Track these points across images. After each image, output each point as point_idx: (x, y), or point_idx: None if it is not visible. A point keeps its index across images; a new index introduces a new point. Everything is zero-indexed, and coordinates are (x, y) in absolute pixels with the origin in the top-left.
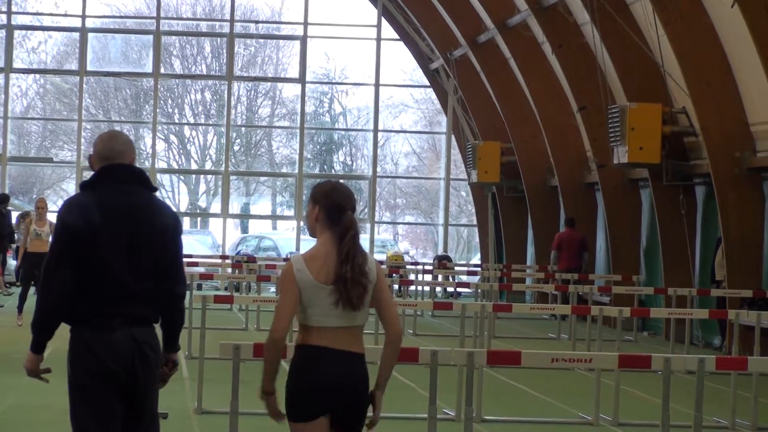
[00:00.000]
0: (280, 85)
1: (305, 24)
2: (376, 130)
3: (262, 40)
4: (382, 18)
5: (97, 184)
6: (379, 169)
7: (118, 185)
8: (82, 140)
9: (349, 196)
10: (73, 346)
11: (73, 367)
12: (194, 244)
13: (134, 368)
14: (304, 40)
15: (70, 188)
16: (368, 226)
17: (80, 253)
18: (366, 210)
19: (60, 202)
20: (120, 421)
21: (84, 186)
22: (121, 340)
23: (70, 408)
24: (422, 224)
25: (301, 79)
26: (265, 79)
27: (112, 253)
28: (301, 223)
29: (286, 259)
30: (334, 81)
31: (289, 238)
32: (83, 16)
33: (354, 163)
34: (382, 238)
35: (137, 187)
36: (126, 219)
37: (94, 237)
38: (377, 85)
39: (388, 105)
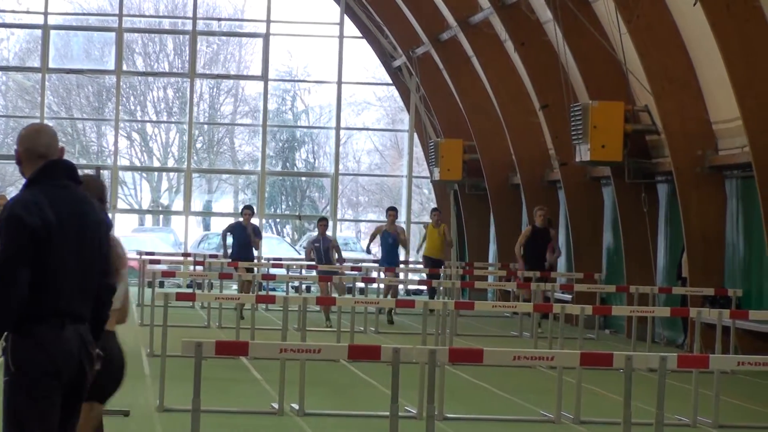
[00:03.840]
0: (242, 82)
1: (268, 21)
2: (338, 128)
3: (224, 38)
4: (345, 16)
5: (42, 181)
6: (341, 166)
7: (61, 181)
8: None
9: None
10: (22, 345)
11: (20, 366)
12: (156, 241)
13: (82, 367)
14: (266, 37)
15: None
16: (330, 223)
17: (37, 252)
18: (328, 207)
19: None
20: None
21: (30, 183)
22: (70, 339)
23: (7, 408)
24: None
25: (264, 77)
26: (227, 77)
27: (66, 251)
28: (263, 221)
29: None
30: (296, 79)
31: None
32: (45, 13)
33: (316, 161)
34: (345, 236)
35: (72, 183)
36: (74, 216)
37: (50, 235)
38: (340, 82)
39: (351, 103)
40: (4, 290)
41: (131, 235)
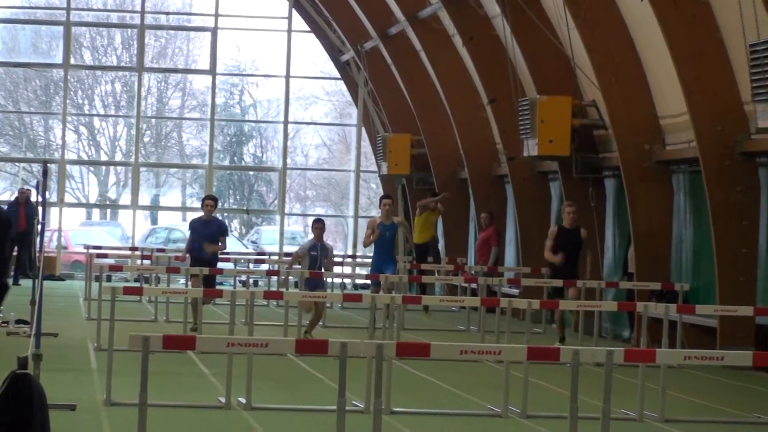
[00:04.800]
0: (190, 76)
1: (216, 15)
2: (286, 122)
3: (172, 32)
4: (293, 10)
5: None
6: (289, 160)
7: None
8: None
9: None
10: None
11: None
12: (104, 235)
13: None
14: (214, 31)
15: None
16: (278, 218)
17: None
18: (276, 202)
19: None
20: None
21: None
22: None
23: None
24: (332, 216)
25: (212, 71)
26: (175, 71)
27: None
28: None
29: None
30: (244, 73)
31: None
32: None
33: (264, 155)
34: (292, 230)
35: None
36: None
37: None
38: (288, 77)
39: (299, 97)
40: None
41: (79, 229)
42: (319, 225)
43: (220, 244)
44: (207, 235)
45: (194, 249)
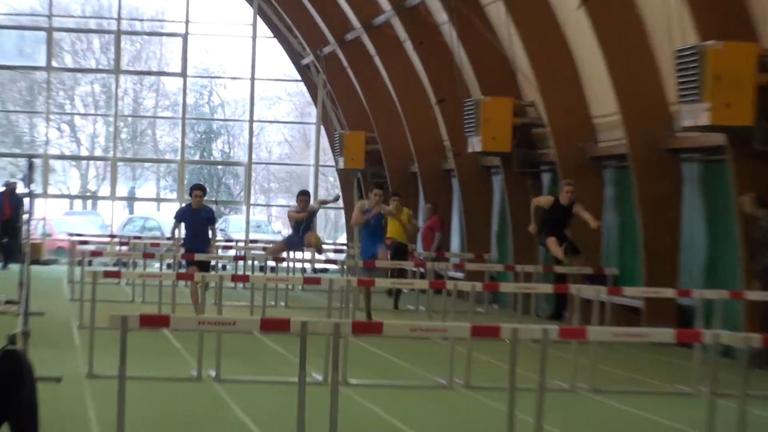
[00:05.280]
0: (164, 78)
1: (186, 22)
2: (251, 121)
3: (146, 37)
4: (258, 17)
5: None
6: (254, 156)
7: None
8: None
9: None
10: None
11: None
12: (85, 224)
13: None
14: (185, 37)
15: None
16: (244, 208)
17: None
18: (242, 193)
19: None
20: None
21: None
22: None
23: None
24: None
25: (183, 73)
26: (149, 73)
27: None
28: (183, 205)
29: (169, 238)
30: (213, 75)
31: (172, 220)
32: None
33: (231, 151)
34: (257, 219)
35: None
36: None
37: None
38: (253, 79)
39: (263, 97)
40: None
41: (62, 218)
42: (303, 197)
43: (211, 233)
44: (197, 223)
45: (187, 239)
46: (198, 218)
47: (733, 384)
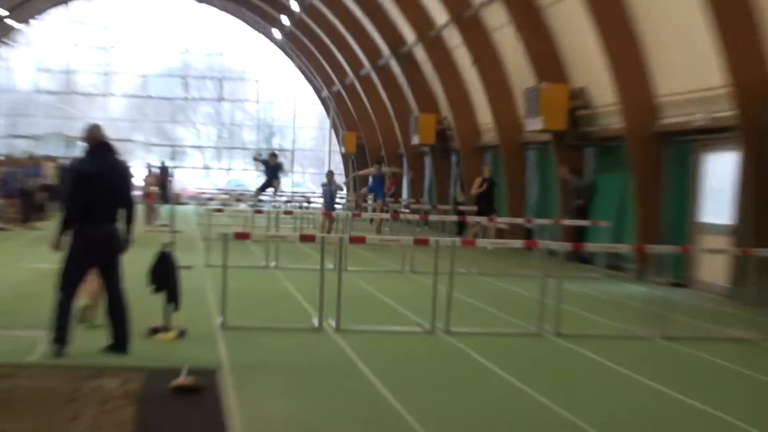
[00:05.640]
0: (246, 103)
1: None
2: (294, 127)
3: (235, 80)
4: (298, 71)
5: (91, 151)
6: (296, 145)
7: (101, 152)
8: None
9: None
10: (76, 233)
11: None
12: (204, 183)
13: (107, 244)
14: (257, 82)
15: None
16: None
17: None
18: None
19: None
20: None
21: (87, 152)
22: (99, 231)
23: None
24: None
25: (257, 100)
26: (239, 101)
27: (98, 186)
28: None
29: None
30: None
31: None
32: None
33: (282, 143)
34: (296, 181)
35: (107, 153)
36: (105, 169)
37: (90, 179)
38: (294, 106)
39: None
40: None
41: (191, 180)
42: (329, 173)
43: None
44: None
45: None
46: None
47: (556, 270)
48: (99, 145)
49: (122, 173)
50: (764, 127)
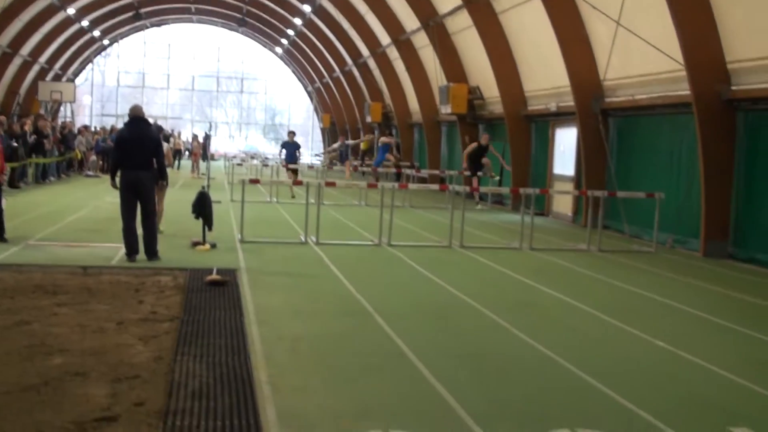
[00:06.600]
0: (252, 95)
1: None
2: (289, 114)
3: (245, 79)
4: (291, 71)
5: (128, 122)
6: (287, 124)
7: (136, 122)
8: None
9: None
10: (120, 177)
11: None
12: (230, 147)
13: (139, 184)
14: (264, 83)
15: None
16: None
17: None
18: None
19: None
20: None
21: (126, 123)
22: (133, 174)
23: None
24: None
25: (266, 93)
26: (251, 93)
27: (133, 146)
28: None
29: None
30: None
31: (278, 147)
32: None
33: (277, 122)
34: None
35: (141, 123)
36: (137, 135)
37: (126, 141)
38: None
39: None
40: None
41: (221, 145)
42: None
43: (298, 154)
44: (291, 149)
45: (287, 157)
46: (292, 146)
47: (460, 204)
48: (134, 119)
49: (150, 138)
50: (594, 112)
